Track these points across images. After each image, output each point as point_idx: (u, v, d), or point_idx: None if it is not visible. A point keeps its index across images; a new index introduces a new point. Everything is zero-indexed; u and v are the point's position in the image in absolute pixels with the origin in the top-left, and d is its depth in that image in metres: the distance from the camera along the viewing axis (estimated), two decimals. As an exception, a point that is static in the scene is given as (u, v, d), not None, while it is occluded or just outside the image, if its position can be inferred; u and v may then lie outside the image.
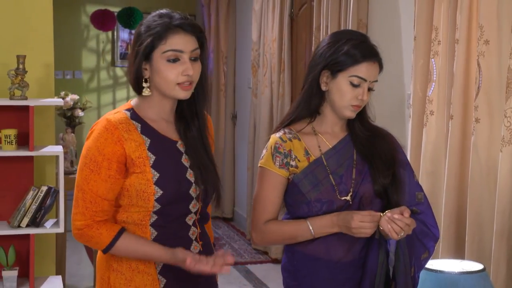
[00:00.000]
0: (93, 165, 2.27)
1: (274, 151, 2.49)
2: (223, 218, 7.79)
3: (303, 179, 2.48)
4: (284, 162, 2.48)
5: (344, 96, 2.46)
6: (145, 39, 2.27)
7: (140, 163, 2.29)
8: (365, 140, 2.55)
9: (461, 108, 3.55)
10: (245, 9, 7.39)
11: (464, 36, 3.50)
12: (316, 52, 2.53)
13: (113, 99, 9.10)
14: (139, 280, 2.35)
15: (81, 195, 2.29)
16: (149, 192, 2.29)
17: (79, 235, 2.32)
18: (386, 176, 2.51)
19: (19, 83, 4.03)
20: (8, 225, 4.11)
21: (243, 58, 7.47)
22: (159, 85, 2.31)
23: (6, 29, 4.28)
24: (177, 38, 2.28)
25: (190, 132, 2.41)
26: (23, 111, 4.06)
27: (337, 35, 2.54)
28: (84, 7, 9.04)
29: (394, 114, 4.47)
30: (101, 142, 2.27)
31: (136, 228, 2.34)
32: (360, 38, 2.50)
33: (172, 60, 2.28)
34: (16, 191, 4.17)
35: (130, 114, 2.34)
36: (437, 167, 3.76)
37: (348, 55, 2.44)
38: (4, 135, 4.01)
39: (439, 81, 3.73)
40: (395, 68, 4.41)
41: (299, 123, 2.56)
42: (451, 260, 3.08)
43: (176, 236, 2.38)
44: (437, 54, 3.74)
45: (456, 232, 3.60)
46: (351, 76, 2.44)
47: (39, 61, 4.29)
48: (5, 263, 4.07)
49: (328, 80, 2.48)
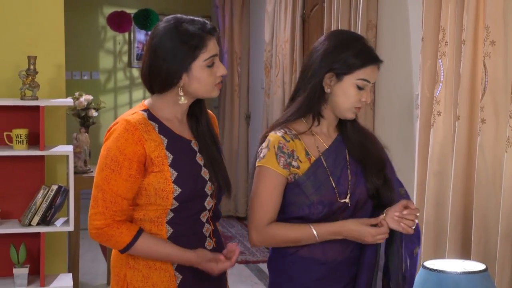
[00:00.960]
0: (114, 165, 2.28)
1: (278, 150, 2.43)
2: (236, 217, 7.77)
3: (307, 180, 2.44)
4: (287, 162, 2.44)
5: (350, 98, 2.45)
6: (185, 53, 2.29)
7: (159, 162, 2.31)
8: (357, 141, 2.54)
9: (467, 109, 3.50)
10: (259, 10, 7.36)
11: (471, 37, 3.45)
12: (315, 53, 2.48)
13: (129, 99, 9.10)
14: (156, 277, 2.36)
15: (101, 195, 2.29)
16: (168, 191, 2.31)
17: (98, 235, 2.32)
18: (379, 177, 2.51)
19: (30, 83, 4.03)
20: (19, 224, 4.11)
21: (256, 59, 7.45)
22: (196, 91, 2.35)
23: (18, 31, 4.28)
24: (212, 44, 2.34)
25: (201, 127, 2.45)
26: (34, 111, 4.07)
27: (338, 37, 2.50)
28: (101, 9, 9.04)
29: (403, 114, 4.43)
30: (122, 143, 2.28)
31: (152, 226, 2.36)
32: (363, 41, 2.49)
33: (210, 65, 2.33)
34: (27, 190, 4.17)
35: (147, 115, 2.36)
36: (444, 167, 3.71)
37: (357, 57, 2.42)
38: (15, 134, 4.02)
39: (446, 81, 3.68)
40: (404, 69, 4.37)
41: (297, 122, 2.51)
42: (453, 260, 3.02)
43: (191, 233, 2.40)
44: (444, 55, 3.70)
45: (462, 233, 3.56)
46: (358, 79, 2.43)
47: (50, 62, 4.29)
48: (16, 260, 4.07)
49: (332, 83, 2.45)
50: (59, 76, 4.31)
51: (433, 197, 3.71)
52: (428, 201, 3.73)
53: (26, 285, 4.08)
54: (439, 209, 3.69)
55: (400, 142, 4.41)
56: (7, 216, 4.20)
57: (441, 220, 3.69)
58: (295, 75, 6.01)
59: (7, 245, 4.12)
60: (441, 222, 3.68)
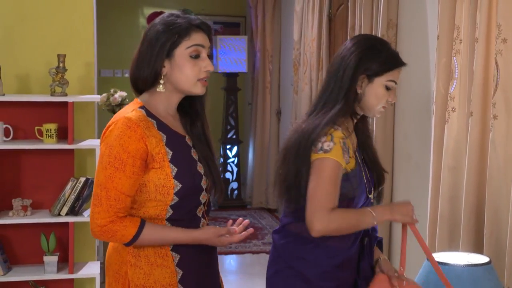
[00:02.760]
0: (118, 163, 2.22)
1: (343, 145, 2.46)
2: (267, 209, 7.75)
3: (355, 176, 2.50)
4: (347, 157, 2.48)
5: (380, 99, 2.54)
6: (169, 36, 2.26)
7: (159, 159, 2.26)
8: (365, 141, 2.66)
9: (480, 105, 3.42)
10: (289, 10, 7.32)
11: (484, 35, 3.37)
12: (347, 57, 2.54)
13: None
14: (158, 273, 2.31)
15: (105, 193, 2.23)
16: (168, 186, 2.26)
17: (102, 232, 2.25)
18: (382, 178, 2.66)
19: (60, 80, 4.05)
20: (50, 214, 4.14)
21: (286, 57, 7.42)
22: (178, 81, 2.29)
23: (50, 31, 4.31)
24: (199, 36, 2.30)
25: (196, 128, 2.40)
26: (63, 106, 4.09)
27: (368, 42, 2.59)
28: (142, 9, 9.07)
29: (420, 110, 4.35)
30: (125, 140, 2.22)
31: None
32: (389, 46, 2.59)
33: (194, 56, 2.28)
34: (57, 182, 4.20)
35: (145, 112, 2.31)
36: (458, 162, 3.64)
37: (389, 61, 2.53)
38: (46, 129, 4.05)
39: (460, 78, 3.61)
40: (422, 66, 4.29)
41: (344, 121, 2.56)
42: (457, 252, 2.97)
43: None
44: (459, 53, 3.62)
45: (475, 226, 3.48)
46: (388, 80, 2.53)
47: (80, 60, 4.31)
48: (46, 248, 4.10)
49: (364, 85, 2.53)
50: (89, 74, 4.32)
51: (447, 191, 3.64)
52: (443, 195, 3.66)
53: (55, 272, 4.11)
54: (454, 203, 3.63)
55: (418, 138, 4.35)
56: (39, 207, 4.24)
57: (455, 214, 3.62)
58: (321, 72, 5.96)
59: (38, 234, 4.15)
60: (455, 216, 3.62)
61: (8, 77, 4.21)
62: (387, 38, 4.55)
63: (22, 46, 4.27)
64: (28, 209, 4.10)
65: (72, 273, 4.11)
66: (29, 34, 4.28)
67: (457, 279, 2.65)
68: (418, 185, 4.30)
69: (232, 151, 8.20)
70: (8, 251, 4.20)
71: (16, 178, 4.20)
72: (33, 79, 4.27)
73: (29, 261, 4.24)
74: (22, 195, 4.19)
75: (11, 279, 4.07)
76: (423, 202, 3.95)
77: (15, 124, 4.16)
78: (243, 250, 6.34)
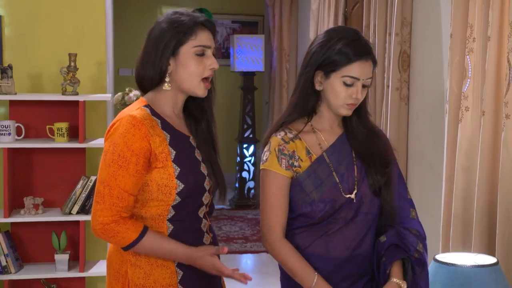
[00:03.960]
0: (122, 161, 2.19)
1: (279, 153, 2.35)
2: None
3: (307, 179, 2.35)
4: (289, 163, 2.35)
5: (339, 95, 2.33)
6: (174, 34, 2.23)
7: (162, 158, 2.23)
8: (362, 137, 2.42)
9: (492, 104, 3.37)
10: (306, 9, 7.27)
11: (496, 33, 3.32)
12: (309, 51, 2.38)
13: (186, 95, 9.12)
14: (158, 273, 2.29)
15: (108, 191, 2.20)
16: (171, 186, 2.23)
17: (103, 231, 2.22)
18: (383, 175, 2.39)
19: (71, 79, 4.05)
20: (61, 212, 4.14)
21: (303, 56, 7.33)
22: (183, 80, 2.27)
23: (62, 30, 4.33)
24: (204, 35, 2.27)
25: (200, 128, 2.37)
26: (75, 105, 4.09)
27: (329, 33, 2.37)
28: (160, 9, 9.08)
29: (434, 109, 4.29)
30: (129, 138, 2.20)
31: (153, 223, 2.28)
32: (351, 36, 2.33)
33: (199, 54, 2.25)
34: (69, 181, 4.20)
35: (150, 111, 2.28)
36: (472, 162, 3.58)
37: (340, 55, 2.29)
38: (57, 128, 4.05)
39: (473, 77, 3.55)
40: (436, 65, 4.24)
41: (297, 122, 2.42)
42: (465, 253, 2.92)
43: (191, 230, 2.33)
44: (472, 51, 3.56)
45: (488, 227, 3.43)
46: (343, 76, 2.30)
47: (92, 59, 4.31)
48: (57, 247, 4.11)
49: (322, 80, 2.34)
50: (101, 73, 4.32)
51: (461, 191, 3.59)
52: (456, 195, 3.61)
53: (66, 270, 4.11)
54: (467, 203, 3.57)
55: (431, 137, 4.29)
56: (51, 205, 4.25)
57: (468, 214, 3.57)
58: (337, 71, 5.90)
59: (49, 232, 4.16)
60: (469, 216, 3.56)
61: (21, 76, 4.22)
62: (401, 37, 4.50)
63: (34, 45, 4.28)
64: (40, 208, 4.11)
65: (83, 272, 4.10)
66: (42, 34, 4.29)
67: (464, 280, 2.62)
68: (432, 185, 4.24)
69: (249, 150, 8.17)
70: (20, 249, 4.21)
71: (28, 177, 4.21)
72: (46, 78, 4.28)
73: (41, 259, 4.26)
74: (34, 194, 4.20)
75: (22, 277, 4.08)
76: (436, 202, 3.90)
77: (27, 122, 4.17)
78: (258, 249, 6.31)
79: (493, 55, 3.33)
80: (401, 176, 2.49)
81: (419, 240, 2.39)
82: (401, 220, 2.42)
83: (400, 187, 2.45)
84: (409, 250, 2.36)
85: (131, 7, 8.64)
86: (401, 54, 4.52)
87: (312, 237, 2.37)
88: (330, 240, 2.36)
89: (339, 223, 2.36)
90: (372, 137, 2.43)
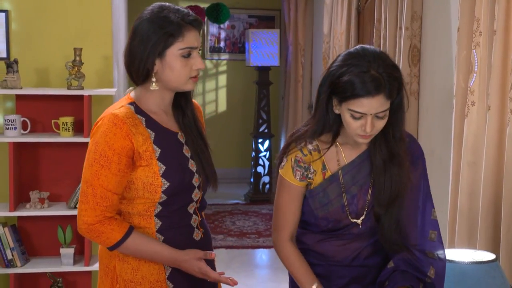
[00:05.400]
0: (104, 160, 2.18)
1: (295, 164, 2.31)
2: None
3: (315, 196, 2.32)
4: (304, 175, 2.32)
5: (349, 126, 2.21)
6: (161, 36, 2.18)
7: (147, 157, 2.22)
8: (378, 160, 2.29)
9: (498, 99, 3.32)
10: (320, 3, 7.23)
11: (502, 27, 3.26)
12: (328, 68, 2.26)
13: (202, 89, 9.11)
14: (146, 269, 2.29)
15: (91, 190, 2.20)
16: (156, 185, 2.22)
17: (88, 230, 2.22)
18: (381, 207, 2.30)
19: (76, 74, 4.06)
20: (66, 206, 4.15)
21: (318, 51, 7.33)
22: (169, 80, 2.24)
23: (68, 25, 4.33)
24: (191, 36, 2.22)
25: (187, 118, 2.35)
26: (80, 100, 4.09)
27: (347, 57, 2.21)
28: (177, 3, 9.08)
29: (444, 104, 4.24)
30: (110, 137, 2.19)
31: (141, 219, 2.28)
32: (365, 66, 2.15)
33: (185, 56, 2.21)
34: (74, 175, 4.20)
35: (134, 108, 2.26)
36: (477, 157, 3.53)
37: (347, 86, 2.15)
38: (62, 122, 4.06)
39: (479, 72, 3.49)
40: (446, 59, 4.18)
41: (324, 135, 2.33)
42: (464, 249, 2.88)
43: (179, 225, 2.32)
44: (478, 45, 3.50)
45: (493, 223, 3.38)
46: (349, 109, 2.17)
47: (98, 53, 4.31)
48: (63, 241, 4.12)
49: (336, 105, 2.23)
50: (107, 67, 4.32)
51: (466, 187, 3.54)
52: (462, 191, 3.56)
53: (72, 264, 4.12)
54: (473, 199, 3.53)
55: (441, 133, 4.24)
56: (57, 199, 4.26)
57: (474, 211, 3.52)
58: (349, 66, 5.85)
59: (55, 226, 4.17)
60: (474, 212, 3.52)
61: (28, 70, 4.24)
62: (411, 31, 4.44)
63: (41, 40, 4.29)
64: (45, 202, 4.12)
65: (88, 266, 4.11)
66: (48, 28, 4.30)
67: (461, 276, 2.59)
68: (441, 181, 4.18)
69: (264, 145, 8.15)
70: (26, 243, 4.24)
71: (34, 171, 4.23)
72: (52, 73, 4.29)
73: (47, 253, 4.28)
74: (40, 188, 4.22)
75: (28, 270, 4.10)
76: (445, 198, 3.85)
77: (33, 117, 4.18)
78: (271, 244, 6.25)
79: (499, 49, 3.27)
80: (428, 195, 2.36)
81: (433, 265, 2.31)
82: (418, 242, 2.33)
83: (425, 207, 2.34)
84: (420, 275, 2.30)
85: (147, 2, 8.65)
86: (411, 48, 4.47)
87: (317, 239, 2.39)
88: (334, 246, 2.37)
89: (341, 238, 2.36)
90: (390, 163, 2.29)
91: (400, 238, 2.32)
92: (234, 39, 9.07)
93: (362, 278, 2.40)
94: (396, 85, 2.18)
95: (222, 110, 9.15)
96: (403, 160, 2.29)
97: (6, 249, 4.05)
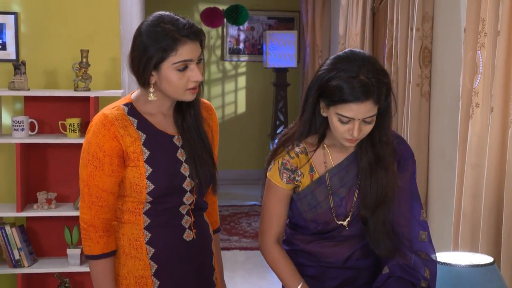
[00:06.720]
0: (96, 161, 2.23)
1: (281, 167, 2.32)
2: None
3: (303, 198, 2.34)
4: (291, 177, 2.33)
5: (336, 130, 2.21)
6: (155, 51, 2.19)
7: (134, 158, 2.25)
8: (364, 163, 2.29)
9: (501, 101, 3.29)
10: (338, 4, 7.22)
11: (506, 28, 3.23)
12: (317, 71, 2.26)
13: (221, 91, 9.14)
14: (131, 264, 2.32)
15: (87, 190, 2.25)
16: (141, 186, 2.25)
17: (83, 229, 2.29)
18: (367, 210, 2.31)
19: (83, 75, 4.09)
20: (73, 207, 4.18)
21: (335, 52, 7.30)
22: (167, 91, 2.25)
23: (76, 26, 4.37)
24: (186, 49, 2.20)
25: (186, 122, 2.34)
26: (87, 101, 4.12)
27: (336, 60, 2.21)
28: (196, 6, 9.11)
29: (454, 106, 4.20)
30: (100, 138, 2.23)
31: (131, 215, 2.31)
32: (354, 71, 2.14)
33: (181, 69, 2.21)
34: (82, 176, 4.22)
35: (127, 110, 2.28)
36: (481, 159, 3.50)
37: (336, 91, 2.14)
38: (69, 123, 4.10)
39: (484, 73, 3.46)
40: (456, 60, 4.14)
41: (310, 136, 2.34)
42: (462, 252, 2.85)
43: (169, 225, 2.34)
44: (483, 46, 3.48)
45: (494, 226, 3.35)
46: (337, 113, 2.17)
47: (106, 55, 4.34)
48: (70, 241, 4.15)
49: (324, 108, 2.23)
50: (115, 69, 4.35)
51: (470, 189, 3.52)
52: (465, 193, 3.54)
53: (78, 265, 4.16)
54: (476, 201, 3.50)
55: (451, 134, 4.21)
56: (64, 200, 4.31)
57: (477, 212, 3.50)
58: (363, 67, 5.83)
59: (62, 227, 4.21)
60: (477, 214, 3.49)
61: (36, 72, 4.29)
62: (422, 32, 4.42)
63: (49, 41, 4.34)
64: (53, 202, 4.16)
65: (94, 266, 4.13)
66: (57, 30, 4.35)
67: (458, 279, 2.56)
68: (450, 183, 4.15)
69: (282, 147, 8.13)
70: (34, 243, 4.28)
71: (41, 172, 4.27)
72: (60, 75, 4.33)
73: (54, 253, 4.32)
74: (47, 189, 4.26)
75: (35, 270, 4.15)
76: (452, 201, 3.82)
77: (40, 118, 4.23)
78: (284, 246, 6.27)
79: (502, 50, 3.25)
80: (416, 196, 2.36)
81: (427, 265, 2.32)
82: (408, 243, 2.33)
83: (414, 208, 2.34)
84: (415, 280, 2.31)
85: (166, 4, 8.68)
86: (422, 49, 4.44)
87: (308, 240, 2.40)
88: (325, 247, 2.38)
89: (332, 240, 2.37)
90: (376, 167, 2.29)
91: (389, 240, 2.32)
92: (254, 41, 9.09)
93: (353, 280, 2.41)
94: (384, 90, 2.19)
95: (241, 111, 9.16)
96: (389, 164, 2.29)
97: (14, 249, 4.10)
